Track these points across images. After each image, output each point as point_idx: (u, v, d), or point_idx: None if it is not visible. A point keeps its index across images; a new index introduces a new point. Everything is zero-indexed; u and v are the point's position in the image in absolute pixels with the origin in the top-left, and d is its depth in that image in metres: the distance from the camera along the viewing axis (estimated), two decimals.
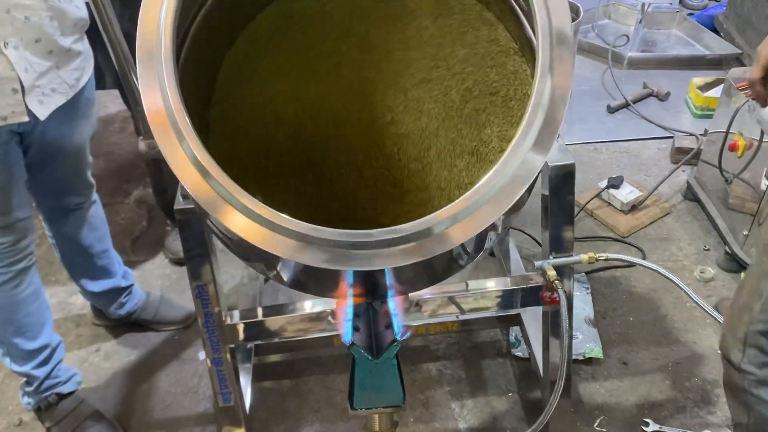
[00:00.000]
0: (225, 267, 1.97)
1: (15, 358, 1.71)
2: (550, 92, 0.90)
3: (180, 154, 0.86)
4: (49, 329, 1.75)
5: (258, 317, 1.47)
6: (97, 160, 2.99)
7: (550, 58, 0.90)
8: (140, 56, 0.89)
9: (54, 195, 1.76)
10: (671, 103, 3.26)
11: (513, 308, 1.54)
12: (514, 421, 1.83)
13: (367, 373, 0.99)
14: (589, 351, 1.97)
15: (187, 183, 0.86)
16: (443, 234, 0.86)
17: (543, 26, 0.92)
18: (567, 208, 1.38)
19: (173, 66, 0.87)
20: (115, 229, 2.55)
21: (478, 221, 0.87)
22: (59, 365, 1.80)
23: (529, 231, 2.42)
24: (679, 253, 2.37)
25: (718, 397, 1.86)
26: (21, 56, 1.36)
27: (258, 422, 1.84)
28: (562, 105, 0.91)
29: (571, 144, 2.97)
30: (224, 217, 0.85)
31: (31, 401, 1.80)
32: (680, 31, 3.86)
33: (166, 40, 0.87)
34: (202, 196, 0.86)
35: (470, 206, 0.86)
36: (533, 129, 0.88)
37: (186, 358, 2.06)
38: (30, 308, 1.66)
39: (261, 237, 0.85)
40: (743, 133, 2.12)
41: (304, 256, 0.85)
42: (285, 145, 1.20)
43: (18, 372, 1.73)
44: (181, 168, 0.86)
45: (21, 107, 1.39)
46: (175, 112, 0.85)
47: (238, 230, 0.85)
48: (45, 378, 1.76)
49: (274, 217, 0.83)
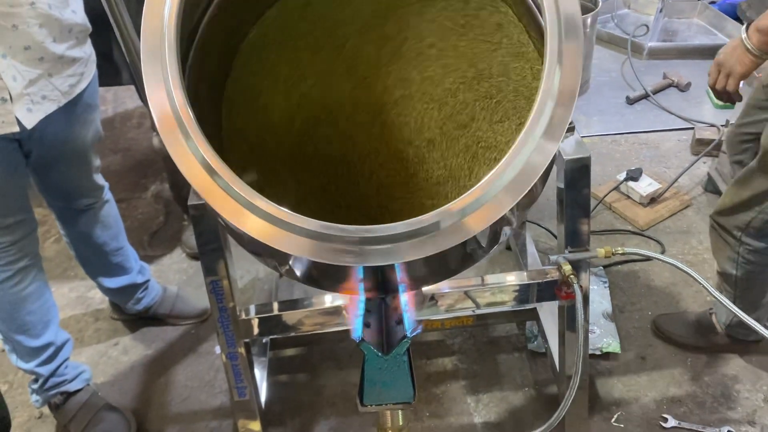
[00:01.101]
0: (240, 262, 1.98)
1: (20, 355, 1.73)
2: (560, 80, 0.88)
3: (187, 154, 0.85)
4: (54, 327, 1.76)
5: (273, 312, 1.47)
6: (115, 155, 3.03)
7: (558, 46, 0.89)
8: (144, 55, 0.88)
9: (63, 197, 1.77)
10: (692, 93, 3.20)
11: (529, 303, 1.52)
12: (530, 416, 1.81)
13: (377, 369, 0.98)
14: (607, 346, 1.95)
15: (196, 184, 0.85)
16: (459, 224, 0.85)
17: (551, 12, 0.90)
18: (583, 202, 1.36)
19: (177, 64, 0.86)
20: (132, 224, 2.59)
21: (493, 211, 0.86)
22: (66, 363, 1.81)
23: (546, 225, 2.40)
24: (700, 246, 2.33)
25: (738, 392, 1.83)
26: (8, 65, 1.35)
27: (273, 416, 1.85)
28: (573, 91, 0.89)
29: (590, 136, 2.93)
30: (235, 218, 0.84)
31: (38, 399, 1.82)
32: (702, 20, 3.79)
33: (170, 38, 0.86)
34: (211, 197, 0.85)
35: (484, 195, 0.85)
36: (544, 116, 0.87)
37: (202, 352, 2.08)
38: (32, 306, 1.67)
39: (272, 236, 0.84)
40: None
41: (317, 254, 0.84)
42: (294, 139, 1.19)
43: (23, 369, 1.75)
44: (188, 168, 0.85)
45: (10, 117, 1.39)
46: (180, 111, 0.84)
47: (250, 230, 0.84)
48: (50, 376, 1.77)
49: (285, 215, 0.83)
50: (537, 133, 0.86)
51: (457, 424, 1.82)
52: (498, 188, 0.85)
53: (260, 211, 0.83)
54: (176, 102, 0.85)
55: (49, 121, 1.49)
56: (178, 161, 0.85)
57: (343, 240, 0.83)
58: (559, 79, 0.88)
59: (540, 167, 0.87)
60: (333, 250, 0.84)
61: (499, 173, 0.85)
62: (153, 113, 0.86)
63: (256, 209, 0.83)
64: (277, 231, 0.84)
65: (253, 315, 1.46)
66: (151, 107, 0.87)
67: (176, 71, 0.86)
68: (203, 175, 0.85)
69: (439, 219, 0.84)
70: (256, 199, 0.83)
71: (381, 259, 0.84)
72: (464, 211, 0.84)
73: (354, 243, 0.84)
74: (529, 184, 0.86)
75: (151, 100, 0.87)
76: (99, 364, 2.06)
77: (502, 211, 0.86)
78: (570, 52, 0.90)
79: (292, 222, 0.83)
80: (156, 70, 0.87)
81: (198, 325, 2.16)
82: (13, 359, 1.74)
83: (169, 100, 0.85)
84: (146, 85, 0.87)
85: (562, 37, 0.89)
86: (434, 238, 0.84)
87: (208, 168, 0.84)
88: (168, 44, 0.86)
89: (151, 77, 0.87)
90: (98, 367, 2.05)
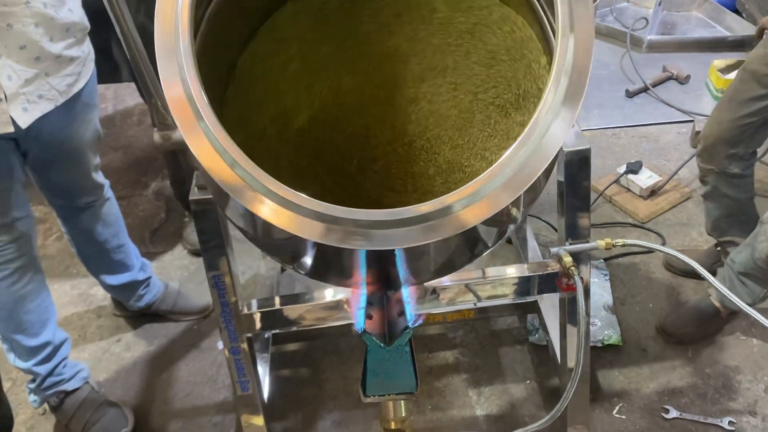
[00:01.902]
0: (242, 258, 1.99)
1: (18, 354, 1.73)
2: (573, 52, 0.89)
3: (205, 144, 0.86)
4: (52, 326, 1.76)
5: (275, 306, 1.48)
6: (116, 153, 3.03)
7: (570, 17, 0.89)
8: (159, 48, 0.89)
9: (63, 195, 1.77)
10: (691, 86, 3.20)
11: (530, 295, 1.53)
12: (532, 408, 1.82)
13: (380, 360, 0.99)
14: (608, 338, 1.95)
15: (213, 171, 0.86)
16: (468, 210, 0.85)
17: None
18: (583, 195, 1.36)
19: (192, 57, 0.86)
20: (134, 221, 2.59)
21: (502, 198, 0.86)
22: (64, 362, 1.81)
23: (547, 218, 2.40)
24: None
25: (739, 383, 1.84)
26: (4, 64, 1.35)
27: (276, 410, 1.85)
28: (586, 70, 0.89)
29: (590, 129, 2.93)
30: (251, 204, 0.85)
31: (36, 399, 1.82)
32: (701, 13, 3.79)
33: (184, 29, 0.87)
34: (229, 183, 0.86)
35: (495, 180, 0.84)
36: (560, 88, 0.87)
37: (205, 348, 2.08)
38: (30, 305, 1.67)
39: (287, 220, 0.85)
40: None
41: (327, 237, 0.84)
42: (304, 130, 1.20)
43: (21, 368, 1.75)
44: (206, 157, 0.86)
45: (5, 117, 1.39)
46: (198, 102, 0.85)
47: (266, 215, 0.85)
48: (47, 375, 1.77)
49: (300, 199, 0.83)
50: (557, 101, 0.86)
51: (459, 416, 1.82)
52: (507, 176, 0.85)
53: (276, 196, 0.84)
54: (192, 92, 0.85)
55: (47, 120, 1.48)
56: (196, 152, 0.86)
57: (353, 223, 0.84)
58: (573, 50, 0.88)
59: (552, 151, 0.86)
60: (342, 233, 0.84)
61: (511, 157, 0.85)
62: (170, 107, 0.87)
63: (273, 195, 0.84)
64: (292, 216, 0.84)
65: (255, 310, 1.46)
66: (168, 101, 0.87)
67: (192, 64, 0.86)
68: (221, 164, 0.85)
69: (449, 204, 0.84)
70: (274, 185, 0.84)
71: (389, 243, 0.84)
72: (475, 196, 0.84)
73: (363, 226, 0.84)
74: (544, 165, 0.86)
75: (166, 89, 0.88)
76: (102, 361, 2.07)
77: (513, 196, 0.86)
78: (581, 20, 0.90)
79: (308, 206, 0.83)
80: (171, 58, 0.88)
81: (200, 321, 2.17)
82: (11, 358, 1.74)
83: (185, 90, 0.86)
84: (161, 77, 0.88)
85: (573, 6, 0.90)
86: (442, 224, 0.85)
87: (226, 157, 0.85)
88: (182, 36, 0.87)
89: (166, 66, 0.88)
90: (101, 363, 2.06)
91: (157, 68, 0.89)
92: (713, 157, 1.85)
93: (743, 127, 1.76)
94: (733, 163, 1.82)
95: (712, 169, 1.88)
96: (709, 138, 1.84)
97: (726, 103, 1.81)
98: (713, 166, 1.87)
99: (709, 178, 1.91)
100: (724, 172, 1.85)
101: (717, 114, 1.84)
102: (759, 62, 1.71)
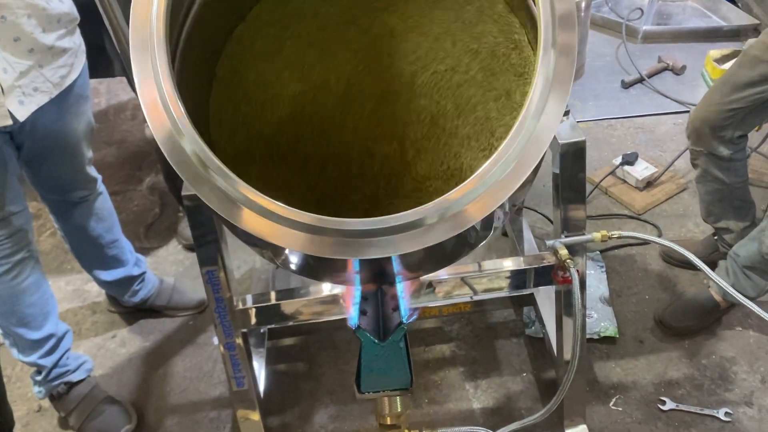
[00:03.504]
0: (237, 252, 1.98)
1: (22, 349, 1.73)
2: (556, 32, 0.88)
3: (178, 147, 0.84)
4: (54, 319, 1.76)
5: (270, 301, 1.47)
6: (109, 148, 3.01)
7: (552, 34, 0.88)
8: (133, 45, 0.86)
9: (56, 190, 1.76)
10: (687, 76, 3.19)
11: (526, 288, 1.52)
12: (529, 401, 1.82)
13: (374, 356, 0.98)
14: (605, 330, 1.95)
15: (187, 177, 0.84)
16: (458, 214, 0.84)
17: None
18: (578, 187, 1.36)
19: (166, 55, 0.84)
20: (128, 217, 2.58)
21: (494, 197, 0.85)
22: (67, 354, 1.81)
23: (543, 210, 2.40)
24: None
25: (735, 374, 1.84)
26: None
27: (272, 405, 1.85)
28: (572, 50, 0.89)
29: (585, 121, 2.92)
30: (229, 213, 0.83)
31: (41, 390, 1.82)
32: (696, 3, 3.77)
33: (159, 27, 0.85)
34: (203, 191, 0.84)
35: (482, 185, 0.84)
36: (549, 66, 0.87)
37: (200, 343, 2.08)
38: (31, 299, 1.67)
39: (269, 230, 0.83)
40: None
41: (313, 249, 0.83)
42: (289, 127, 1.18)
43: (25, 362, 1.75)
44: (179, 161, 0.84)
45: (3, 110, 1.38)
46: (171, 104, 0.83)
47: (245, 225, 0.83)
48: (53, 367, 1.77)
49: (281, 210, 0.81)
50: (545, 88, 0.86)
51: (456, 410, 1.82)
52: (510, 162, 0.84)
53: (255, 205, 0.82)
54: (166, 94, 0.83)
55: (41, 113, 1.48)
56: (169, 157, 0.84)
57: (340, 233, 0.82)
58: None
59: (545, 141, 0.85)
60: (330, 244, 0.83)
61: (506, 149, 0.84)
62: (143, 107, 0.85)
63: (252, 203, 0.82)
64: (272, 225, 0.82)
65: (250, 305, 1.45)
66: (141, 101, 0.85)
67: (165, 62, 0.84)
68: (196, 170, 0.83)
69: (436, 210, 0.83)
70: (250, 193, 0.82)
71: (378, 251, 0.83)
72: (462, 201, 0.83)
73: (351, 236, 0.82)
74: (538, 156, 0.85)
75: (140, 91, 0.85)
76: (97, 357, 2.06)
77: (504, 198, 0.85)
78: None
79: (288, 216, 0.81)
80: (145, 59, 0.86)
81: (195, 316, 2.16)
82: (14, 353, 1.74)
83: (159, 92, 0.84)
84: (135, 77, 0.86)
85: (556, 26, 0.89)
86: (432, 230, 0.84)
87: (201, 163, 0.83)
88: (157, 33, 0.85)
89: (141, 68, 0.86)
90: (96, 359, 2.05)
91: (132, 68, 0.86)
92: (701, 138, 1.85)
93: (731, 111, 1.75)
94: (721, 145, 1.82)
95: (701, 151, 1.88)
96: (697, 120, 1.85)
97: (720, 85, 1.81)
98: (702, 147, 1.87)
99: (699, 161, 1.91)
100: (713, 154, 1.85)
101: (709, 95, 1.84)
102: (762, 48, 1.70)
